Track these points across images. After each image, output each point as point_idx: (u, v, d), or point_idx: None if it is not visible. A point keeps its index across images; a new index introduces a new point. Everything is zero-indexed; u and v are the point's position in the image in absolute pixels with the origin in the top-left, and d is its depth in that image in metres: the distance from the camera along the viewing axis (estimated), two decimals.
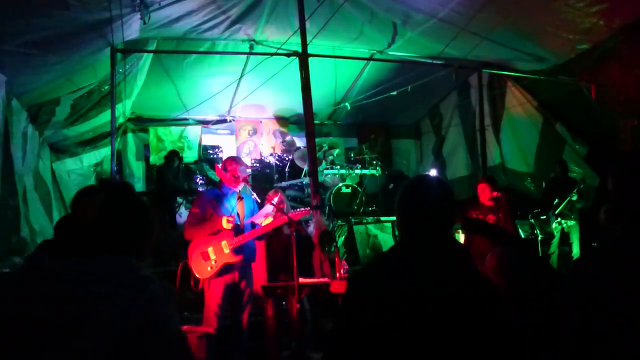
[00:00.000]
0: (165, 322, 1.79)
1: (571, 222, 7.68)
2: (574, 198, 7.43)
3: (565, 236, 7.77)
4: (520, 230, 7.96)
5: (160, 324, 1.77)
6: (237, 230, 4.77)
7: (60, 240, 2.05)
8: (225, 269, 4.69)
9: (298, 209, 4.95)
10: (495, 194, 6.00)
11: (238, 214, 4.85)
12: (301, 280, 4.58)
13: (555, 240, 7.73)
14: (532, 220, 7.94)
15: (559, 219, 7.59)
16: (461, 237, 8.89)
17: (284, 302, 5.64)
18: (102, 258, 1.82)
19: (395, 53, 8.85)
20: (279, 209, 4.82)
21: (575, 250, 7.76)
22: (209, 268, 4.64)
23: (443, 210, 1.90)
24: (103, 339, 1.67)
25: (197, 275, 4.65)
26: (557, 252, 7.76)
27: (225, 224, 4.60)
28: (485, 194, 6.06)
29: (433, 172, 7.68)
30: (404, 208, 1.94)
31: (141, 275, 1.81)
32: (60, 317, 1.70)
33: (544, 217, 7.75)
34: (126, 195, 2.13)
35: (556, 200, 7.55)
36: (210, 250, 4.68)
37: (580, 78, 8.37)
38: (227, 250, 4.68)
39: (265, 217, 4.86)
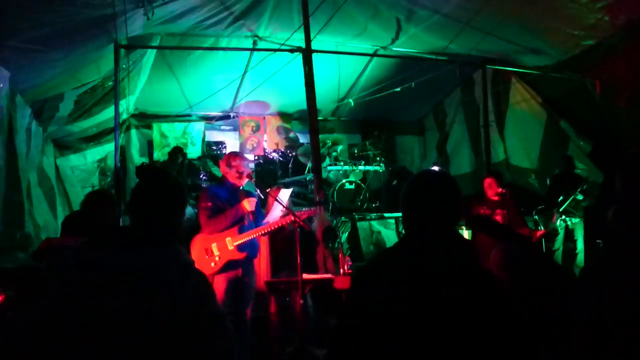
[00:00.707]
0: (208, 303, 1.95)
1: (575, 219, 7.66)
2: (579, 197, 7.41)
3: (569, 233, 7.76)
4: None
5: (203, 306, 1.92)
6: (242, 227, 4.77)
7: (106, 231, 2.10)
8: (228, 265, 4.70)
9: (304, 209, 4.93)
10: (500, 190, 6.00)
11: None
12: (305, 276, 4.58)
13: (560, 237, 7.72)
14: (536, 217, 7.92)
15: (563, 216, 7.57)
16: (465, 234, 8.90)
17: (287, 298, 5.64)
18: (150, 249, 1.94)
19: (399, 49, 8.83)
20: (285, 206, 4.81)
21: (580, 247, 7.75)
22: (212, 264, 4.64)
23: (449, 205, 1.89)
24: (156, 325, 1.81)
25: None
26: (561, 248, 7.75)
27: (248, 205, 4.61)
28: (492, 189, 6.06)
29: (435, 169, 7.66)
30: (410, 203, 1.93)
31: (184, 263, 1.96)
32: (116, 307, 1.82)
33: (549, 213, 7.73)
34: (166, 181, 2.17)
35: (561, 197, 7.53)
36: (214, 246, 4.68)
37: (584, 74, 8.32)
38: (231, 247, 4.69)
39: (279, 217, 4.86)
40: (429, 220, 1.87)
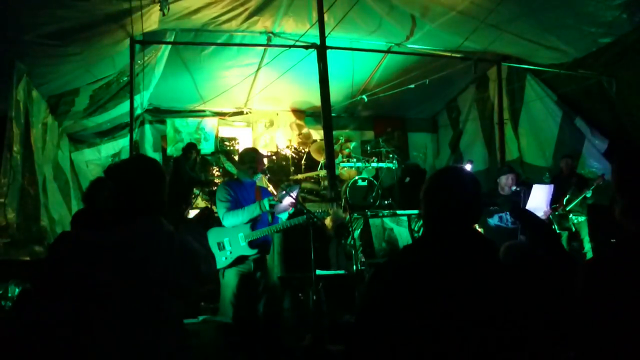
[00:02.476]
0: (192, 266, 2.31)
1: (582, 218, 7.60)
2: (589, 195, 7.34)
3: (574, 232, 7.69)
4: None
5: (188, 269, 2.29)
6: (255, 223, 4.78)
7: (92, 214, 2.57)
8: (240, 260, 4.71)
9: (320, 210, 4.91)
10: (515, 187, 5.96)
11: None
12: (318, 272, 4.59)
13: (565, 236, 7.66)
14: (550, 216, 7.86)
15: (570, 215, 7.51)
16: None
17: (300, 294, 5.66)
18: (133, 224, 2.20)
19: (413, 46, 8.79)
20: (298, 202, 4.81)
21: (587, 247, 7.68)
22: (223, 258, 4.66)
23: (471, 202, 1.88)
24: (146, 291, 2.13)
25: None
26: (567, 248, 7.68)
27: (267, 205, 4.62)
28: (507, 186, 6.03)
29: (468, 167, 7.55)
30: (431, 199, 1.91)
31: (167, 232, 2.25)
32: (108, 280, 2.09)
33: (562, 212, 7.68)
34: (138, 161, 2.50)
35: (567, 197, 7.47)
36: (226, 241, 4.70)
37: (601, 72, 8.24)
38: (243, 243, 4.70)
39: (287, 210, 4.86)
40: (451, 217, 1.86)
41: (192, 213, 7.69)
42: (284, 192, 4.64)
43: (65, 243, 2.28)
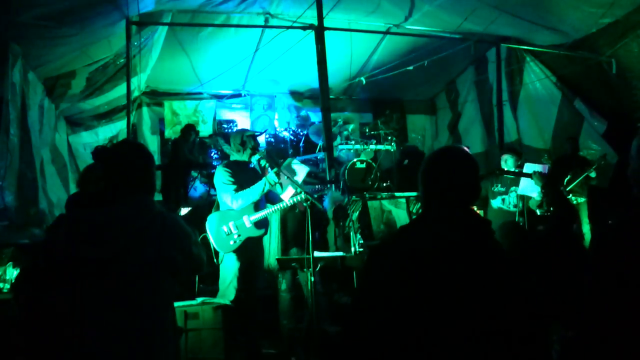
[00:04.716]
0: (182, 244, 2.37)
1: (581, 199, 7.60)
2: (593, 175, 7.33)
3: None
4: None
5: (178, 247, 2.33)
6: (258, 204, 4.79)
7: (83, 195, 2.67)
8: (248, 241, 4.72)
9: (317, 187, 4.91)
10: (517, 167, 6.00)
11: None
12: (316, 254, 4.60)
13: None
14: (547, 198, 7.86)
15: (570, 196, 7.51)
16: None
17: (297, 276, 5.68)
18: (122, 204, 2.28)
19: (412, 27, 8.72)
20: (295, 182, 4.81)
21: (585, 229, 7.69)
22: (231, 242, 4.66)
23: (468, 182, 1.89)
24: (147, 262, 2.23)
25: (217, 249, 4.68)
26: None
27: (272, 177, 4.62)
28: (508, 166, 6.07)
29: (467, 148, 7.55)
30: (431, 179, 1.92)
31: (155, 211, 2.32)
32: (99, 256, 2.18)
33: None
34: (125, 145, 2.62)
35: (568, 177, 7.47)
36: (232, 224, 4.70)
37: (601, 53, 8.19)
38: (249, 225, 4.70)
39: (290, 192, 4.86)
40: (447, 197, 1.86)
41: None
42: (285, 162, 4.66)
43: (60, 224, 2.36)
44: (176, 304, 2.87)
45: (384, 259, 1.85)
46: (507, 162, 6.16)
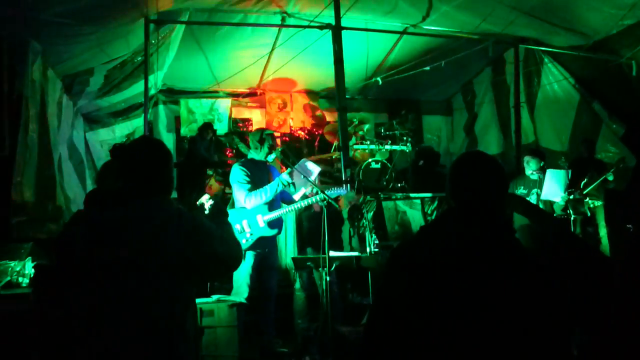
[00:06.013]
0: (203, 244, 2.28)
1: (598, 202, 7.52)
2: (610, 178, 7.24)
3: (589, 217, 7.61)
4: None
5: (199, 246, 2.25)
6: (271, 204, 4.79)
7: (101, 194, 2.56)
8: (260, 241, 4.73)
9: (333, 189, 4.90)
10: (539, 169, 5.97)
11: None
12: (331, 253, 4.60)
13: (578, 221, 7.58)
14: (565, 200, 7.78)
15: (587, 199, 7.44)
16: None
17: (312, 275, 5.68)
18: (141, 203, 2.25)
19: (429, 27, 8.67)
20: (312, 183, 4.81)
21: (602, 232, 7.60)
22: (243, 240, 4.68)
23: (495, 186, 1.92)
24: (155, 269, 2.17)
25: None
26: (580, 233, 7.59)
27: (287, 177, 4.63)
28: (530, 168, 6.04)
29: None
30: (455, 180, 1.95)
31: (175, 211, 2.28)
32: (117, 256, 2.15)
33: (578, 196, 7.59)
34: (148, 143, 2.51)
35: (585, 180, 7.39)
36: (245, 223, 4.71)
37: (621, 55, 8.09)
38: (263, 224, 4.71)
39: (302, 192, 4.87)
40: (473, 199, 1.87)
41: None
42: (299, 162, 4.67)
43: (77, 222, 2.36)
44: None
45: (405, 259, 1.86)
46: (530, 164, 6.11)
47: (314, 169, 5.17)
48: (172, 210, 2.29)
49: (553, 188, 5.69)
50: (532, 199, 6.03)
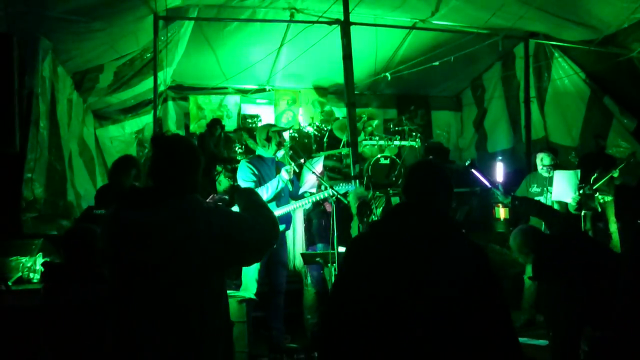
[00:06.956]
0: (235, 237, 2.24)
1: (608, 198, 7.46)
2: (615, 174, 7.20)
3: (599, 213, 7.56)
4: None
5: (232, 240, 2.23)
6: (279, 200, 4.80)
7: (132, 193, 2.48)
8: None
9: (341, 184, 4.90)
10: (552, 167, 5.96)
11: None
12: (340, 249, 4.60)
13: (589, 216, 7.53)
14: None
15: (597, 194, 7.39)
16: (501, 213, 8.78)
17: (321, 271, 5.68)
18: (173, 203, 2.20)
19: (438, 22, 8.63)
20: (320, 180, 4.81)
21: (613, 228, 7.55)
22: None
23: (442, 192, 2.22)
24: (196, 265, 2.15)
25: None
26: (590, 228, 7.54)
27: (285, 174, 4.64)
28: (544, 165, 6.02)
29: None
30: (405, 185, 2.29)
31: (206, 209, 2.26)
32: (150, 259, 2.13)
33: (589, 192, 7.53)
34: (180, 143, 2.42)
35: (595, 175, 7.34)
36: None
37: (632, 49, 8.00)
38: None
39: (310, 187, 4.87)
40: (420, 199, 2.19)
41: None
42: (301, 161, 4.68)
43: (92, 219, 2.36)
44: None
45: (353, 251, 2.17)
46: (543, 160, 6.09)
47: (317, 164, 5.19)
48: (204, 209, 2.26)
49: (563, 189, 5.67)
50: (547, 197, 6.00)
